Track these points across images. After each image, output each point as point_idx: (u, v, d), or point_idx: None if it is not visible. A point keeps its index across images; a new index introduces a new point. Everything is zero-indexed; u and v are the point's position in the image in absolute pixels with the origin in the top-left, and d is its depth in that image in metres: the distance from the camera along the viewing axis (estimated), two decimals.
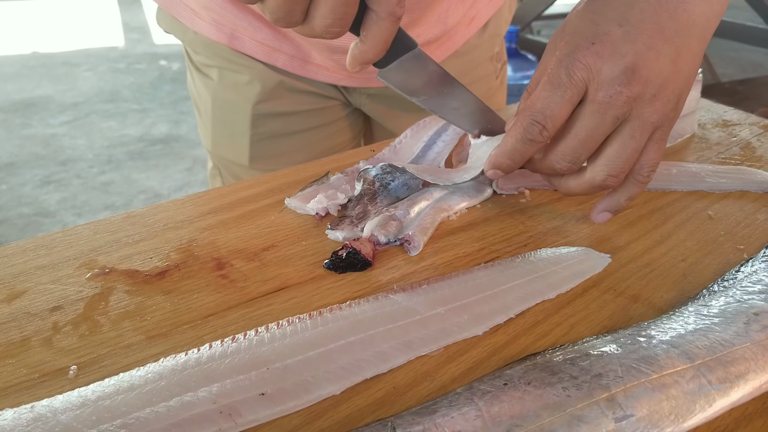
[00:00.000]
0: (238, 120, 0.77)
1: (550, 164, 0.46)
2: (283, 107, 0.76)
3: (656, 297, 0.42)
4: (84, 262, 0.44)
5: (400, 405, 0.33)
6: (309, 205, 0.51)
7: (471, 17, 0.77)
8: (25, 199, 2.45)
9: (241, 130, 0.77)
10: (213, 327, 0.38)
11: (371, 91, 0.79)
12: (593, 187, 0.46)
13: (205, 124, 0.82)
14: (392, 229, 0.47)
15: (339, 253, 0.44)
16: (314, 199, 0.51)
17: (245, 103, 0.75)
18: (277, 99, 0.75)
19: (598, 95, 0.42)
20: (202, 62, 0.77)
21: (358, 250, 0.44)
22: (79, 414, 0.31)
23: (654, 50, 0.41)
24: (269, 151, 0.78)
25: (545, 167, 0.47)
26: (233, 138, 0.79)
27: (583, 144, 0.44)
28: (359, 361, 0.35)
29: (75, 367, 0.35)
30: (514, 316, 0.40)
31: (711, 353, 0.34)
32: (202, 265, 0.44)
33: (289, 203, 0.52)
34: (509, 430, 0.29)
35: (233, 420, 0.31)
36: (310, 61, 0.72)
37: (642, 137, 0.43)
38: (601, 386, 0.32)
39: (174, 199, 0.52)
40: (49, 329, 0.38)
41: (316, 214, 0.50)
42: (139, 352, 0.36)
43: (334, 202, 0.51)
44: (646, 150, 0.44)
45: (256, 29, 0.69)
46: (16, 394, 0.33)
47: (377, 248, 0.46)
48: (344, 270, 0.44)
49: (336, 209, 0.51)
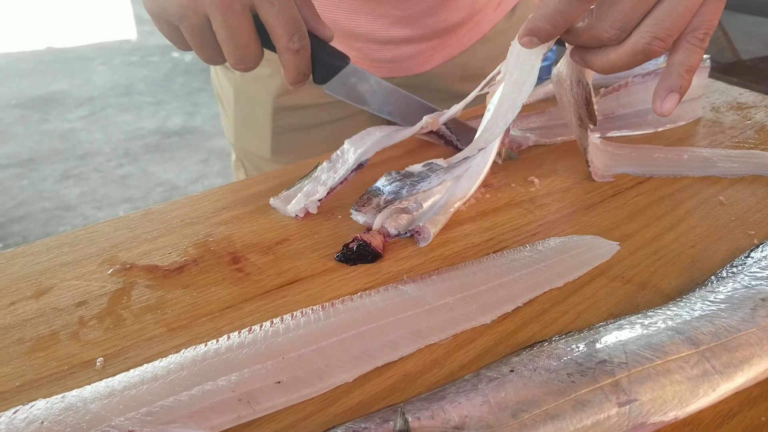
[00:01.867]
0: (260, 113, 0.78)
1: (595, 33, 0.42)
2: (303, 100, 0.77)
3: (664, 284, 0.43)
4: (106, 258, 0.46)
5: (410, 392, 0.34)
6: (289, 208, 0.51)
7: (498, 1, 0.76)
8: (46, 193, 2.50)
9: (263, 123, 0.78)
10: (230, 319, 0.40)
11: (396, 81, 0.79)
12: (636, 53, 0.42)
13: (228, 117, 0.83)
14: (403, 221, 0.48)
15: (350, 245, 0.46)
16: (293, 201, 0.51)
17: (266, 96, 0.76)
18: (298, 92, 0.75)
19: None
20: None
21: (368, 243, 0.45)
22: (107, 403, 0.32)
23: None
24: (291, 144, 0.79)
25: (589, 37, 0.44)
26: (255, 131, 0.80)
27: (636, 5, 0.40)
28: (370, 350, 0.37)
29: (101, 359, 0.36)
30: (521, 305, 0.41)
31: (716, 339, 0.35)
32: (219, 259, 0.46)
33: (274, 203, 0.52)
34: (514, 415, 0.30)
35: (251, 407, 0.33)
36: None
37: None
38: (606, 372, 0.33)
39: (190, 196, 0.54)
40: (75, 323, 0.39)
41: (296, 216, 0.51)
42: (161, 343, 0.38)
43: (312, 199, 0.50)
44: (702, 9, 0.41)
45: None
46: (47, 386, 0.35)
47: (387, 240, 0.47)
48: (355, 262, 0.45)
49: (316, 206, 0.51)
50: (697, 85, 0.68)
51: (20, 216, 2.34)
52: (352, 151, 0.54)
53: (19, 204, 2.42)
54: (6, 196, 2.47)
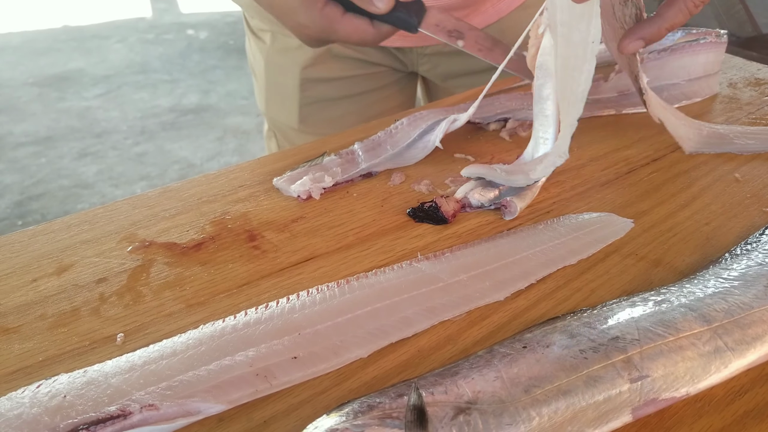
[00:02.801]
0: (288, 83, 0.80)
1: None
2: (330, 73, 0.79)
3: (678, 261, 0.43)
4: (125, 236, 0.46)
5: (423, 367, 0.35)
6: (293, 187, 0.51)
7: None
8: (64, 171, 2.53)
9: (291, 93, 0.80)
10: (247, 295, 0.41)
11: (427, 51, 0.79)
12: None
13: (259, 86, 0.86)
14: (489, 195, 0.49)
15: (425, 204, 0.47)
16: (299, 181, 0.51)
17: (294, 67, 0.78)
18: (325, 64, 0.78)
19: None
20: (257, 26, 0.81)
21: (439, 206, 0.47)
22: (128, 377, 0.33)
23: None
24: (318, 115, 0.81)
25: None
26: (283, 101, 0.82)
27: None
28: (385, 326, 0.37)
29: (122, 335, 0.37)
30: (535, 282, 0.41)
31: (729, 316, 0.35)
32: (236, 237, 0.46)
33: (277, 183, 0.52)
34: (527, 390, 0.31)
35: (268, 382, 0.34)
36: None
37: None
38: (618, 348, 0.33)
39: (207, 174, 0.54)
40: (96, 300, 0.40)
41: (298, 197, 0.51)
42: (180, 319, 0.39)
43: (318, 185, 0.51)
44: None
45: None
46: (69, 360, 0.36)
47: (468, 210, 0.49)
48: (421, 220, 0.48)
49: (320, 192, 0.51)
50: (713, 60, 0.67)
51: (39, 194, 2.37)
52: (363, 157, 0.55)
53: (38, 182, 2.45)
54: (24, 174, 2.50)
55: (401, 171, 0.55)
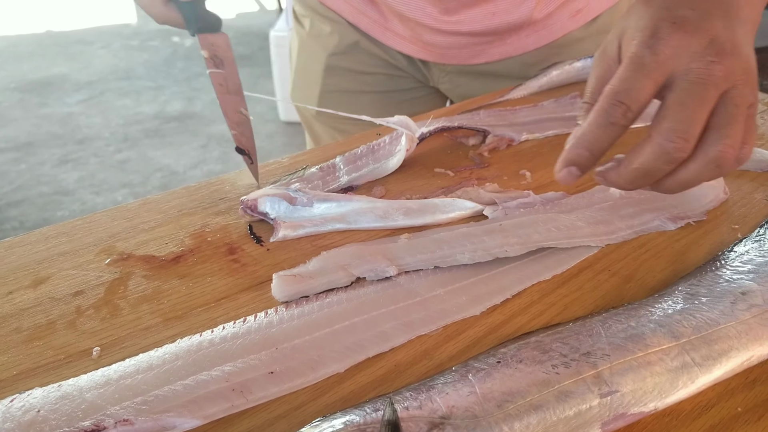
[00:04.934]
0: (314, 68, 0.83)
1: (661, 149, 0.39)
2: (355, 65, 0.81)
3: (649, 277, 0.44)
4: (103, 248, 0.46)
5: (400, 382, 0.35)
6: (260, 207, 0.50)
7: (577, 9, 0.75)
8: (44, 178, 2.50)
9: (315, 78, 0.83)
10: (225, 309, 0.41)
11: (448, 68, 0.80)
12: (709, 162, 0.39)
13: (292, 71, 0.89)
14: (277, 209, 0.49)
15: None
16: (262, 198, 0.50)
17: (322, 52, 0.81)
18: (351, 55, 0.80)
19: (692, 65, 0.39)
20: (300, 12, 0.84)
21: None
22: (103, 392, 0.33)
23: (730, 29, 0.40)
24: (336, 106, 0.80)
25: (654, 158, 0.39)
26: (308, 85, 0.85)
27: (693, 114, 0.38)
28: (362, 341, 0.38)
29: (98, 349, 0.37)
30: (510, 297, 0.42)
31: (697, 332, 0.36)
32: (215, 250, 0.47)
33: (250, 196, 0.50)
34: (500, 405, 0.31)
35: (245, 397, 0.34)
36: (390, 28, 0.76)
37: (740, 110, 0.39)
38: (589, 364, 0.34)
39: (187, 186, 0.55)
40: (72, 313, 0.40)
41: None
42: (156, 333, 0.39)
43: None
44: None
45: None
46: (44, 374, 0.36)
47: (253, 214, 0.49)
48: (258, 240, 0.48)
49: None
50: None
51: (17, 200, 2.34)
52: (344, 171, 0.55)
53: (17, 188, 2.42)
54: (3, 180, 2.47)
55: (382, 185, 0.55)
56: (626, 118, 0.39)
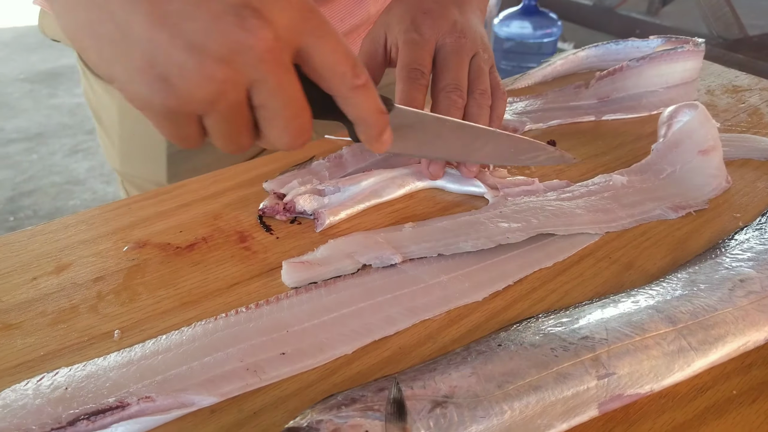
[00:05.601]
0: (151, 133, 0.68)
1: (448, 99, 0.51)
2: None
3: (649, 264, 0.45)
4: (121, 236, 0.48)
5: (404, 364, 0.37)
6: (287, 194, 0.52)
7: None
8: (55, 168, 2.53)
9: (157, 143, 0.69)
10: (238, 294, 0.43)
11: None
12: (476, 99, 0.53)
13: (110, 139, 0.72)
14: (315, 204, 0.50)
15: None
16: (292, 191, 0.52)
17: None
18: None
19: (447, 40, 0.54)
20: None
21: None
22: (126, 371, 0.35)
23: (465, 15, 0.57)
24: (193, 163, 0.70)
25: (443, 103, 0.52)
26: (147, 153, 0.70)
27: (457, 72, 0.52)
28: (369, 325, 0.39)
29: (119, 331, 0.39)
30: (512, 283, 0.43)
31: (693, 317, 0.37)
32: (227, 238, 0.48)
33: (267, 186, 0.54)
34: (500, 385, 0.33)
35: (258, 376, 0.36)
36: None
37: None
38: (587, 347, 0.35)
39: (199, 176, 0.56)
40: (94, 297, 0.42)
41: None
42: (174, 317, 0.40)
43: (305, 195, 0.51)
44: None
45: None
46: (69, 355, 0.38)
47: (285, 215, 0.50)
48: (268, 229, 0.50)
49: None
50: (691, 68, 0.69)
51: (30, 190, 2.38)
52: (351, 161, 0.57)
53: (29, 178, 2.45)
54: (16, 170, 2.50)
55: None
56: (425, 78, 0.52)
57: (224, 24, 0.30)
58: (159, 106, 0.32)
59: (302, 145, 0.37)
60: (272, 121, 0.34)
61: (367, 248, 0.45)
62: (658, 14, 3.23)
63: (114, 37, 0.30)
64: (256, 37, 0.30)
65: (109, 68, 0.31)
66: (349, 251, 0.45)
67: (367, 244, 0.46)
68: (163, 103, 0.31)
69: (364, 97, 0.37)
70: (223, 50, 0.30)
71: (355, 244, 0.46)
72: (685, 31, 0.89)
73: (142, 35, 0.29)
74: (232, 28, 0.30)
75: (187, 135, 0.34)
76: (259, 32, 0.30)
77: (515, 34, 2.38)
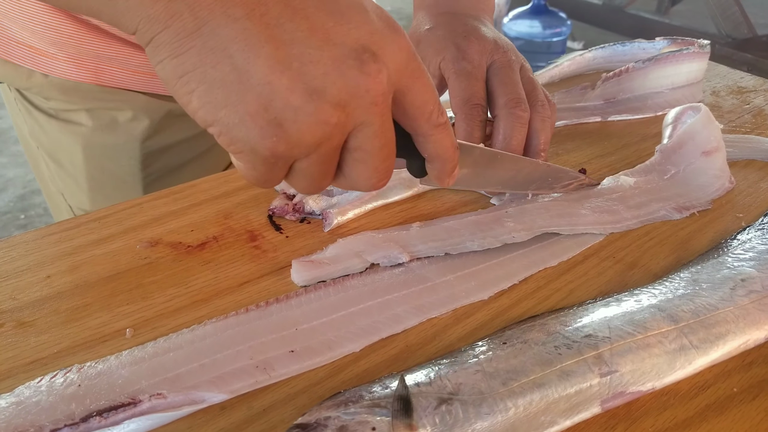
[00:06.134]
0: (124, 165, 0.67)
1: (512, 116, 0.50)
2: (175, 136, 0.68)
3: (653, 264, 0.46)
4: (133, 235, 0.49)
5: (411, 361, 0.38)
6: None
7: None
8: None
9: (130, 175, 0.67)
10: (248, 293, 0.43)
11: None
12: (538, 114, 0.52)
13: (74, 180, 0.69)
14: (323, 204, 0.51)
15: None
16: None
17: (131, 143, 0.66)
18: (168, 129, 0.67)
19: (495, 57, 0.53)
20: (60, 108, 0.65)
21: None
22: (138, 369, 0.36)
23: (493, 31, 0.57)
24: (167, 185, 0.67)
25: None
26: (119, 188, 0.68)
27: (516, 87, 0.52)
28: (376, 323, 0.40)
29: (131, 329, 0.40)
30: (517, 282, 0.44)
31: (695, 316, 0.38)
32: (237, 237, 0.49)
33: (278, 186, 0.53)
34: (505, 383, 0.33)
35: (267, 373, 0.36)
36: None
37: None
38: (590, 345, 0.36)
39: (210, 176, 0.57)
40: (106, 296, 0.43)
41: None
42: (185, 315, 0.41)
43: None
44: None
45: (127, 56, 0.62)
46: (82, 352, 0.38)
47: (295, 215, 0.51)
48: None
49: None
50: (696, 69, 0.70)
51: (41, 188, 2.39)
52: None
53: None
54: (27, 168, 2.52)
55: None
56: (484, 113, 0.51)
57: (345, 68, 0.29)
58: (265, 151, 0.30)
59: (383, 186, 0.35)
60: (364, 162, 0.33)
61: (374, 247, 0.46)
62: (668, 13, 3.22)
63: (227, 80, 0.28)
64: (374, 82, 0.30)
65: (214, 112, 0.29)
66: (357, 250, 0.46)
67: (375, 243, 0.47)
68: (272, 148, 0.30)
69: (445, 134, 0.36)
70: (342, 95, 0.29)
71: (363, 243, 0.47)
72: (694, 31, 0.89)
73: (261, 79, 0.28)
74: (352, 72, 0.29)
75: (275, 177, 0.33)
76: (377, 76, 0.30)
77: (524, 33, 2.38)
